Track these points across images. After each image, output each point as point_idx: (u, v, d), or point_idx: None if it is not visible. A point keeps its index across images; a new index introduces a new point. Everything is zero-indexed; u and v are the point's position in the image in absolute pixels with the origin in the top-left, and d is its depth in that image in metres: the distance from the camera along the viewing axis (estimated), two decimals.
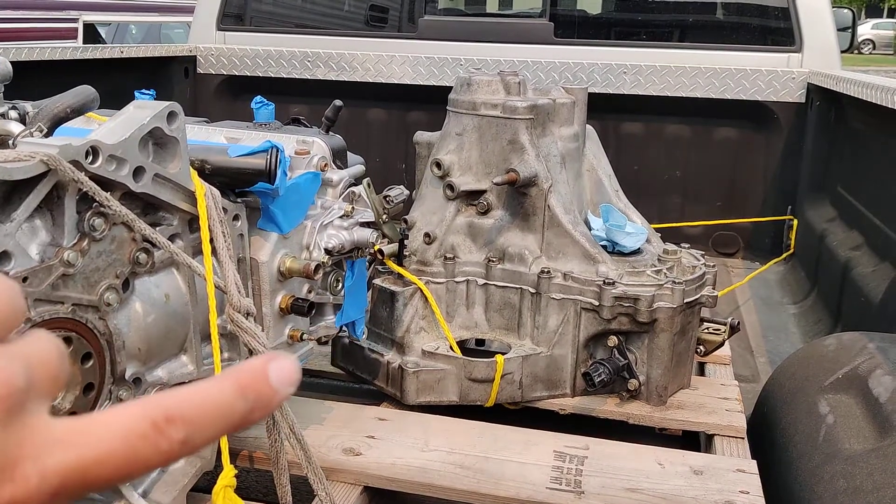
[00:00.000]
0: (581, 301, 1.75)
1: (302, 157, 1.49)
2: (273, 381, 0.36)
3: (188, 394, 0.35)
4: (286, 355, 0.37)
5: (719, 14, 3.57)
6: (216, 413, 0.35)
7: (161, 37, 9.95)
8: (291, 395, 0.36)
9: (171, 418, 0.33)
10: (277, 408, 0.37)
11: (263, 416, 0.36)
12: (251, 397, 0.35)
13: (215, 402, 0.35)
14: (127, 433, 0.33)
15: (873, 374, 1.41)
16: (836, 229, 2.75)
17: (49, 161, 0.99)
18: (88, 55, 3.02)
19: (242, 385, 0.35)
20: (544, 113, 1.86)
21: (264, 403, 0.36)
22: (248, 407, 0.35)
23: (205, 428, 0.34)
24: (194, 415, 0.34)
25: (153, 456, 0.33)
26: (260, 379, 0.36)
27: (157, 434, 0.33)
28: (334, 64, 3.50)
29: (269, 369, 0.36)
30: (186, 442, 0.34)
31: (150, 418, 0.33)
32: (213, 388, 0.35)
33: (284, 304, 1.44)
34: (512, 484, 1.45)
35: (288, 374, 0.36)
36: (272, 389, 0.36)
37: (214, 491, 1.20)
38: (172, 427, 0.33)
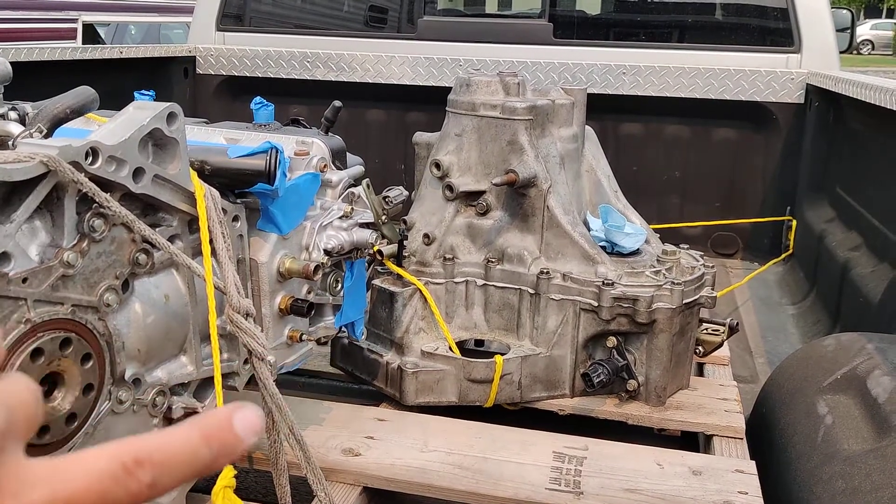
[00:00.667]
0: (580, 302, 1.75)
1: (301, 157, 1.49)
2: (238, 430, 0.38)
3: (157, 440, 0.37)
4: (250, 406, 0.39)
5: (718, 15, 3.57)
6: (182, 459, 0.37)
7: (160, 37, 9.95)
8: (254, 445, 0.40)
9: (140, 462, 0.36)
10: (238, 456, 0.40)
11: (227, 463, 0.39)
12: (215, 446, 0.38)
13: (182, 450, 0.37)
14: (99, 474, 0.35)
15: (872, 375, 1.42)
16: (834, 230, 2.76)
17: (49, 162, 0.99)
18: (88, 55, 3.02)
19: (207, 435, 0.38)
20: (543, 114, 1.86)
21: (228, 451, 0.38)
22: (212, 455, 0.38)
23: (171, 472, 0.37)
24: (162, 459, 0.37)
25: (123, 496, 0.36)
26: (225, 428, 0.38)
27: (127, 476, 0.35)
28: (333, 64, 3.50)
29: (234, 419, 0.38)
30: (154, 485, 0.36)
31: (121, 461, 0.36)
32: (181, 436, 0.38)
33: (284, 305, 1.44)
34: (511, 484, 1.45)
35: (251, 424, 0.39)
36: (236, 438, 0.38)
37: (214, 491, 1.20)
38: (141, 470, 0.36)
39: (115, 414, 1.16)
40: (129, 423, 1.20)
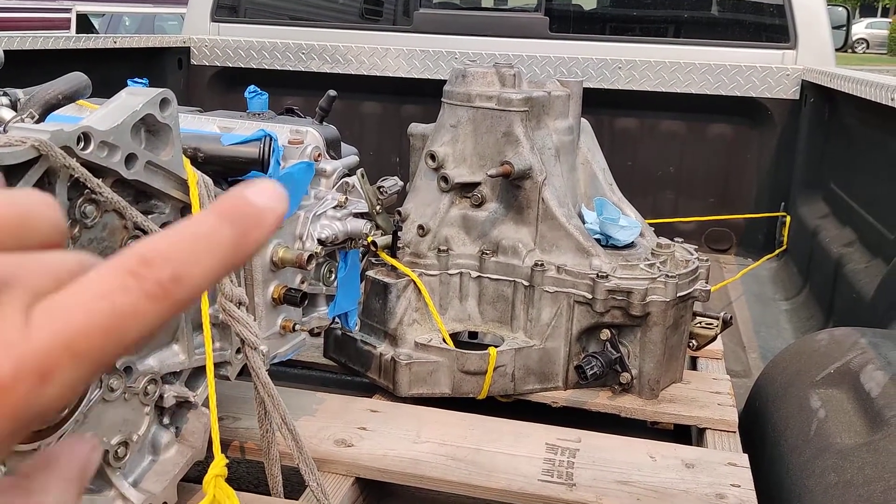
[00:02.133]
0: (574, 294, 1.75)
1: (295, 146, 1.48)
2: (256, 200, 0.32)
3: (164, 233, 0.31)
4: (262, 179, 0.34)
5: (714, 10, 3.57)
6: (200, 243, 0.31)
7: (155, 28, 9.90)
8: (283, 212, 0.33)
9: (148, 260, 0.29)
10: (273, 228, 0.33)
11: (262, 238, 0.32)
12: (236, 220, 0.32)
13: (196, 232, 0.31)
14: (104, 291, 0.29)
15: (865, 369, 1.42)
16: (828, 226, 2.76)
17: (40, 146, 0.98)
18: (82, 45, 3.00)
19: (221, 210, 0.32)
20: (539, 105, 1.86)
21: (255, 222, 0.32)
22: (235, 231, 0.31)
23: (194, 259, 0.30)
24: (175, 251, 0.30)
25: (147, 305, 0.29)
26: (240, 201, 0.32)
27: (139, 280, 0.29)
28: (329, 56, 3.49)
29: (247, 191, 0.32)
30: (178, 279, 0.30)
31: (125, 268, 0.29)
32: (190, 221, 0.31)
33: (277, 295, 1.43)
34: (503, 476, 1.44)
35: (271, 192, 0.33)
36: (258, 207, 0.32)
37: (205, 480, 1.20)
38: (153, 268, 0.29)
39: (106, 402, 1.16)
40: (121, 410, 1.19)
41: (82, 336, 0.29)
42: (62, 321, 0.28)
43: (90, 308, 0.29)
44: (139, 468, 1.26)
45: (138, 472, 1.25)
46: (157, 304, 0.29)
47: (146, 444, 1.27)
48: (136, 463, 1.25)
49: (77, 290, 0.29)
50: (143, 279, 0.29)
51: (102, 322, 0.29)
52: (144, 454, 1.27)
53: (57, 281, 0.30)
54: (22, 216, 0.31)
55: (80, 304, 0.29)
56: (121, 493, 1.20)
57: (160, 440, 1.29)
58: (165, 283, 0.29)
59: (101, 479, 1.19)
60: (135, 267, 0.29)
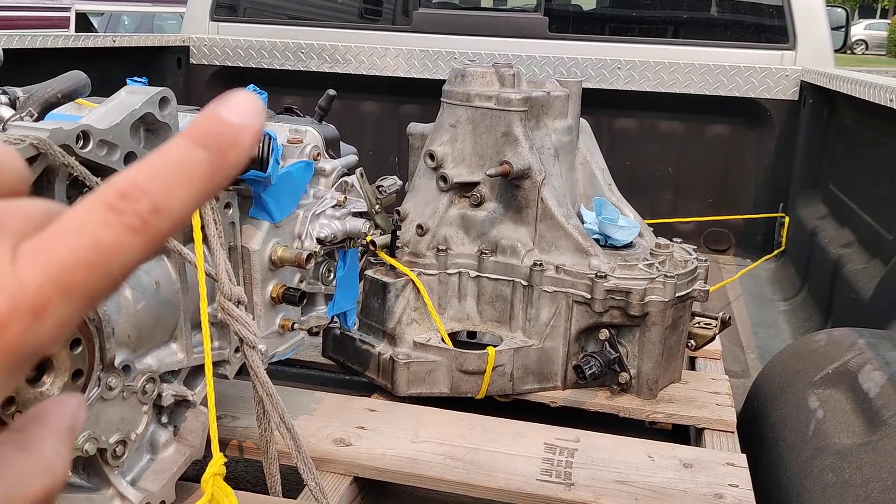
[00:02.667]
0: (573, 294, 1.75)
1: (294, 145, 1.48)
2: (230, 117, 0.31)
3: (138, 164, 0.30)
4: (238, 91, 0.32)
5: (713, 11, 3.57)
6: (176, 170, 0.30)
7: (154, 27, 9.90)
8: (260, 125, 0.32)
9: (125, 192, 0.29)
10: (250, 146, 0.32)
11: (239, 159, 0.31)
12: (210, 142, 0.31)
13: (170, 162, 0.30)
14: (85, 226, 0.29)
15: (863, 370, 1.42)
16: (827, 227, 2.76)
17: (39, 145, 0.98)
18: (80, 44, 3.00)
19: (194, 133, 0.31)
20: (538, 105, 1.86)
21: (230, 142, 0.31)
22: (212, 153, 0.31)
23: (172, 189, 0.30)
24: (152, 181, 0.30)
25: (129, 240, 0.29)
26: (214, 121, 0.31)
27: (118, 214, 0.29)
28: (328, 56, 3.49)
29: (221, 110, 0.31)
30: (158, 210, 0.29)
31: (103, 202, 0.29)
32: (164, 149, 0.31)
33: (276, 294, 1.43)
34: (502, 475, 1.45)
35: (244, 105, 0.31)
36: (233, 125, 0.31)
37: (204, 479, 1.20)
38: (130, 200, 0.29)
39: (104, 400, 1.16)
40: (119, 409, 1.19)
41: (68, 271, 0.29)
42: (47, 257, 0.29)
43: (73, 244, 0.29)
44: (137, 467, 1.26)
45: (136, 471, 1.25)
46: (138, 236, 0.29)
47: (144, 443, 1.27)
48: (135, 461, 1.25)
49: (58, 228, 0.29)
50: (122, 213, 0.29)
51: (86, 256, 0.29)
52: (143, 453, 1.27)
53: (36, 224, 0.30)
54: None
55: (63, 241, 0.29)
56: (119, 491, 1.20)
57: (158, 439, 1.29)
58: (145, 215, 0.29)
59: (99, 477, 1.19)
60: (113, 201, 0.29)
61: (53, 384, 1.05)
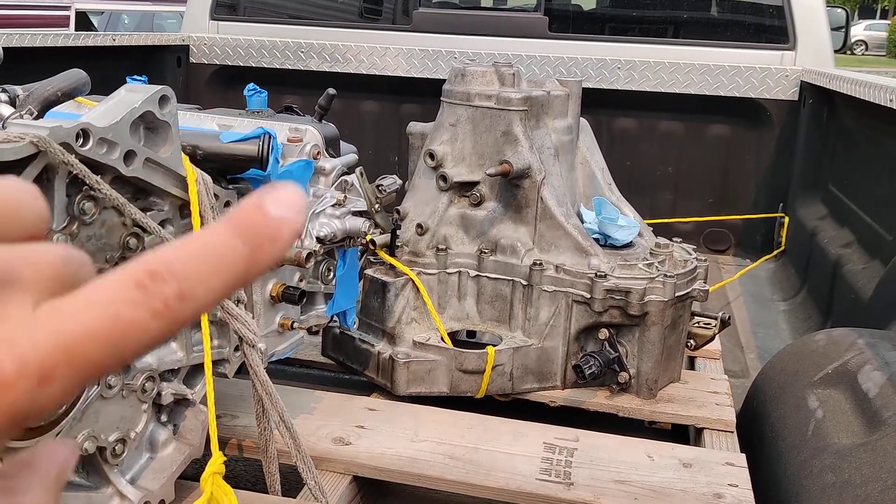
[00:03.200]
0: (573, 293, 1.75)
1: (294, 144, 1.48)
2: (272, 212, 0.30)
3: (176, 245, 0.30)
4: (284, 183, 0.32)
5: (714, 11, 3.57)
6: (211, 259, 0.30)
7: (154, 27, 9.90)
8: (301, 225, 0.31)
9: (156, 273, 0.29)
10: (289, 242, 0.31)
11: (272, 258, 0.31)
12: (248, 235, 0.30)
13: (206, 248, 0.30)
14: (110, 300, 0.29)
15: (863, 370, 1.42)
16: (826, 227, 2.76)
17: (39, 143, 0.98)
18: (80, 42, 3.00)
19: (235, 224, 0.30)
20: (538, 105, 1.86)
21: (268, 240, 0.30)
22: (249, 248, 0.30)
23: (201, 277, 0.30)
24: (184, 265, 0.29)
25: (149, 321, 0.29)
26: (256, 213, 0.30)
27: (145, 294, 0.29)
28: (328, 55, 3.48)
29: (265, 201, 0.31)
30: (183, 296, 0.29)
31: (133, 279, 0.29)
32: (203, 234, 0.31)
33: (275, 293, 1.43)
34: (501, 475, 1.44)
35: (288, 199, 0.31)
36: (274, 222, 0.30)
37: (203, 477, 1.20)
38: (160, 282, 0.29)
39: (103, 399, 1.16)
40: (118, 407, 1.19)
41: (83, 342, 0.28)
42: (67, 326, 0.28)
43: (95, 316, 0.28)
44: (137, 465, 1.26)
45: (136, 470, 1.25)
46: (159, 320, 0.29)
47: (144, 442, 1.27)
48: (134, 460, 1.25)
49: (84, 296, 0.29)
50: (150, 294, 0.29)
51: (105, 332, 0.28)
52: (142, 451, 1.27)
53: (57, 277, 0.30)
54: (9, 207, 0.31)
55: (86, 311, 0.29)
56: (118, 490, 1.20)
57: (158, 437, 1.29)
58: (170, 300, 0.29)
59: (98, 476, 1.19)
60: (143, 279, 0.29)
61: None
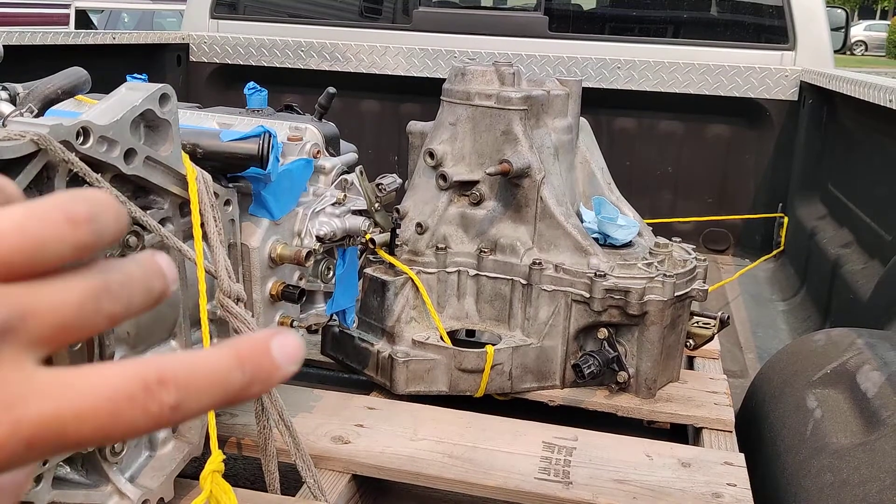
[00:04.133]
0: (572, 293, 1.75)
1: (294, 143, 1.48)
2: (276, 356, 0.34)
3: (184, 358, 0.33)
4: (292, 332, 0.36)
5: (713, 11, 3.57)
6: (212, 381, 0.33)
7: (153, 25, 9.90)
8: (293, 374, 0.35)
9: (164, 380, 0.31)
10: (278, 384, 0.35)
11: (262, 392, 0.35)
12: (249, 369, 0.33)
13: (212, 370, 0.33)
14: (114, 391, 0.31)
15: (861, 370, 1.42)
16: (826, 227, 2.76)
17: (39, 141, 0.98)
18: (80, 41, 3.00)
19: (242, 356, 0.33)
20: (538, 104, 1.86)
21: (264, 378, 0.34)
22: (245, 379, 0.33)
23: (198, 395, 0.32)
24: (189, 380, 0.32)
25: (140, 419, 0.31)
26: (262, 352, 0.34)
27: (148, 396, 0.31)
28: (328, 54, 3.49)
29: (273, 344, 0.34)
30: (177, 408, 0.32)
31: (142, 378, 0.31)
32: (212, 356, 0.33)
33: (275, 291, 1.43)
34: (500, 474, 1.45)
35: (292, 351, 0.34)
36: (274, 365, 0.34)
37: (202, 476, 1.20)
38: (164, 390, 0.31)
39: None
40: None
41: (78, 421, 0.30)
42: (67, 405, 0.30)
43: (95, 402, 0.30)
44: (136, 463, 1.26)
45: (135, 468, 1.25)
46: (151, 421, 0.31)
47: (143, 440, 1.27)
48: (133, 458, 1.25)
49: (91, 378, 0.31)
50: (151, 397, 0.31)
51: (100, 418, 0.31)
52: (141, 450, 1.27)
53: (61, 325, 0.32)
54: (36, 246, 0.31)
55: (88, 395, 0.31)
56: (117, 488, 1.20)
57: (157, 436, 1.29)
58: (166, 407, 0.31)
59: (97, 473, 1.19)
60: (151, 382, 0.31)
61: None
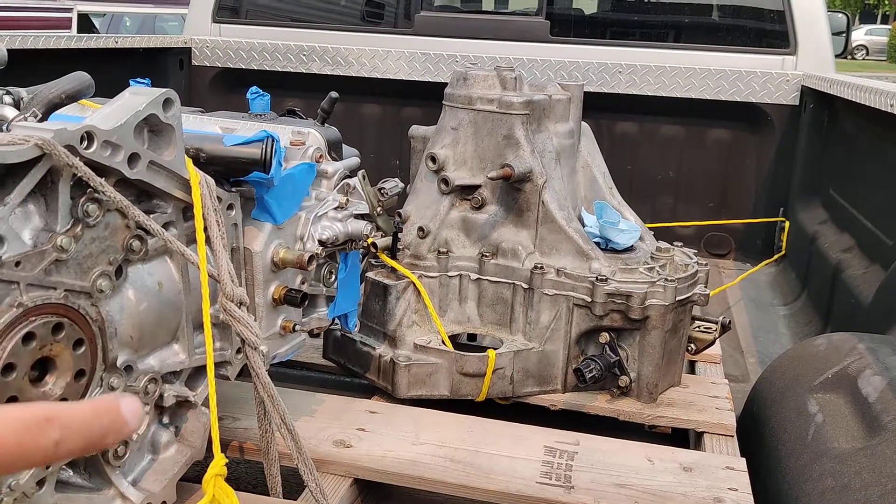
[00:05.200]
0: (574, 297, 1.75)
1: (297, 147, 1.48)
2: (123, 411, 0.46)
3: (64, 406, 0.43)
4: (132, 396, 0.48)
5: (715, 15, 3.58)
6: (83, 426, 0.43)
7: (156, 29, 9.91)
8: (137, 429, 0.48)
9: (50, 419, 0.41)
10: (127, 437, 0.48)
11: (116, 441, 0.46)
12: (106, 421, 0.45)
13: (83, 418, 0.43)
14: (18, 423, 0.40)
15: (863, 374, 1.42)
16: (827, 231, 2.77)
17: (44, 145, 0.99)
18: (83, 45, 3.01)
19: (100, 410, 0.45)
20: (540, 109, 1.86)
21: (117, 428, 0.45)
22: (103, 428, 0.44)
23: (74, 436, 0.42)
24: (68, 422, 0.42)
25: (35, 450, 0.40)
26: (114, 409, 0.45)
27: (39, 430, 0.40)
28: (329, 58, 3.49)
29: (121, 403, 0.46)
30: (59, 443, 0.41)
31: (36, 415, 0.41)
32: (83, 407, 0.44)
33: (277, 295, 1.44)
34: (502, 478, 1.45)
35: (135, 409, 0.46)
36: (122, 418, 0.45)
37: (205, 479, 1.20)
38: (51, 426, 0.41)
39: None
40: None
41: None
42: None
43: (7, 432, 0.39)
44: (138, 467, 1.26)
45: (138, 471, 1.25)
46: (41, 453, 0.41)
47: (146, 444, 1.27)
48: (136, 462, 1.26)
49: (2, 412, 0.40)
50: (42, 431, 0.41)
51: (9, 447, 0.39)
52: (144, 453, 1.27)
53: None
54: None
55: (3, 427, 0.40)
56: (120, 491, 1.20)
57: (160, 439, 1.29)
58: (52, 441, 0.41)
59: (100, 477, 1.19)
60: (41, 419, 0.41)
61: (56, 384, 1.05)
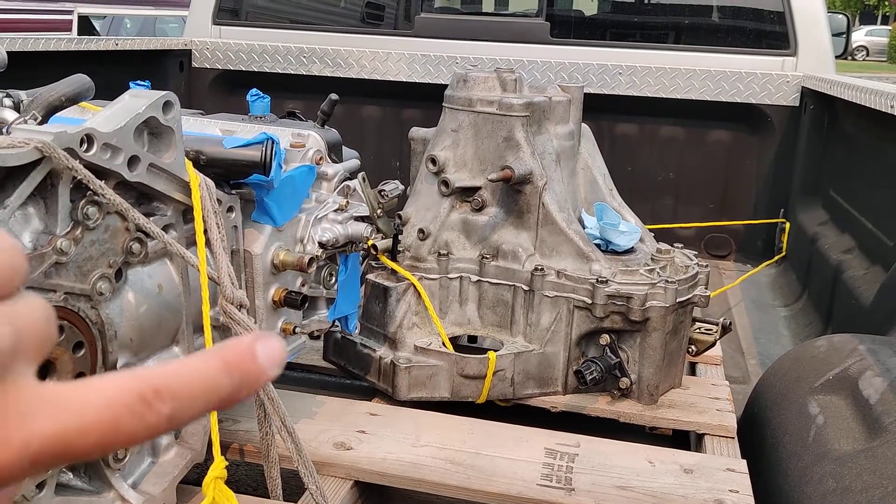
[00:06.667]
0: (574, 299, 1.75)
1: (297, 150, 1.48)
2: (260, 359, 0.36)
3: (175, 368, 0.35)
4: (274, 335, 0.37)
5: (715, 17, 3.58)
6: (202, 389, 0.35)
7: (156, 31, 9.92)
8: (277, 376, 0.36)
9: (160, 392, 0.33)
10: (262, 386, 0.37)
11: (249, 395, 0.37)
12: (237, 375, 0.35)
13: (202, 378, 0.35)
14: (113, 404, 0.32)
15: (864, 376, 1.42)
16: (827, 233, 2.76)
17: (43, 148, 0.99)
18: (83, 47, 3.01)
19: (229, 363, 0.35)
20: (540, 110, 1.86)
21: (251, 382, 0.36)
22: (233, 385, 0.35)
23: (191, 403, 0.34)
24: (181, 390, 0.34)
25: (138, 429, 0.33)
26: (247, 357, 0.35)
27: (145, 407, 0.33)
28: (330, 60, 3.49)
29: (257, 348, 0.36)
30: (172, 417, 0.34)
31: (139, 391, 0.33)
32: (201, 364, 0.35)
33: (277, 297, 1.44)
34: (503, 480, 1.45)
35: (276, 354, 0.36)
36: (259, 368, 0.36)
37: (205, 482, 1.20)
38: (159, 401, 0.33)
39: None
40: None
41: (81, 435, 0.32)
42: (71, 420, 0.32)
43: (97, 415, 0.32)
44: (138, 470, 1.26)
45: (138, 474, 1.25)
46: (148, 430, 0.34)
47: (146, 446, 1.27)
48: (136, 465, 1.25)
49: (92, 390, 0.33)
50: (149, 408, 0.33)
51: (101, 430, 0.32)
52: (144, 456, 1.27)
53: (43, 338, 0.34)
54: None
55: (90, 409, 0.32)
56: (120, 494, 1.20)
57: (160, 442, 1.29)
58: (163, 417, 0.34)
59: (100, 480, 1.19)
60: (147, 395, 0.33)
61: None
